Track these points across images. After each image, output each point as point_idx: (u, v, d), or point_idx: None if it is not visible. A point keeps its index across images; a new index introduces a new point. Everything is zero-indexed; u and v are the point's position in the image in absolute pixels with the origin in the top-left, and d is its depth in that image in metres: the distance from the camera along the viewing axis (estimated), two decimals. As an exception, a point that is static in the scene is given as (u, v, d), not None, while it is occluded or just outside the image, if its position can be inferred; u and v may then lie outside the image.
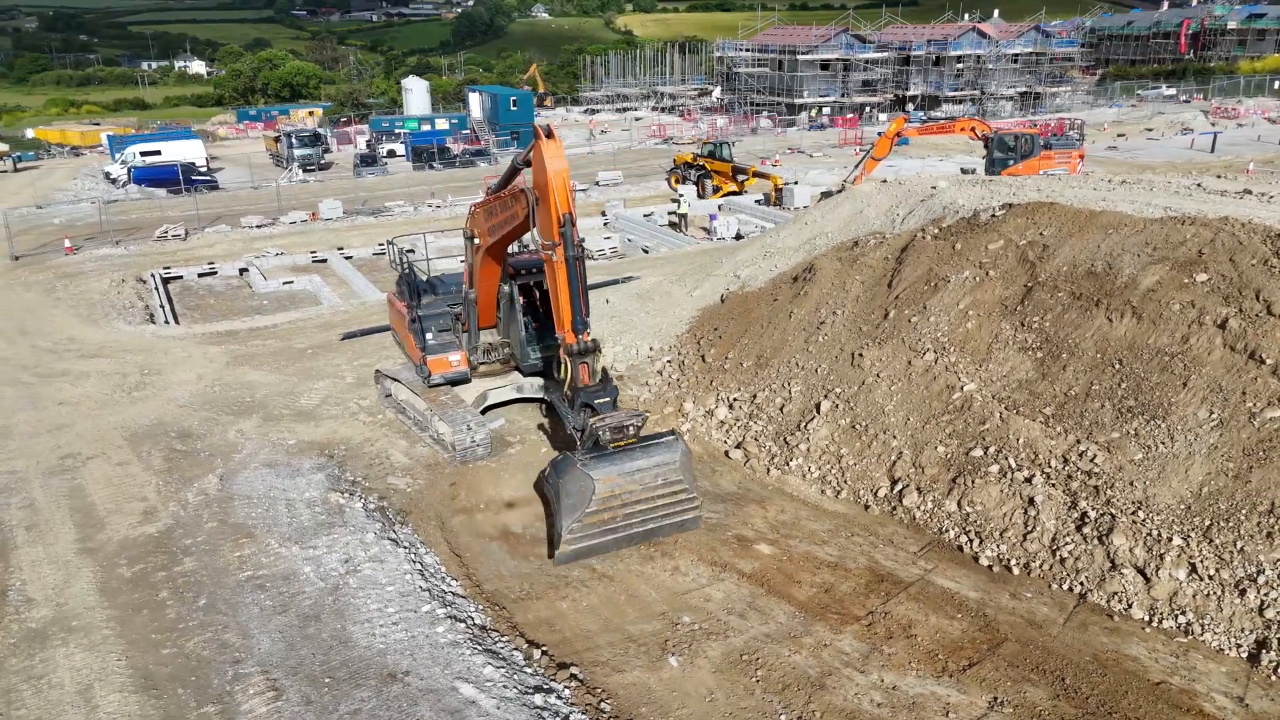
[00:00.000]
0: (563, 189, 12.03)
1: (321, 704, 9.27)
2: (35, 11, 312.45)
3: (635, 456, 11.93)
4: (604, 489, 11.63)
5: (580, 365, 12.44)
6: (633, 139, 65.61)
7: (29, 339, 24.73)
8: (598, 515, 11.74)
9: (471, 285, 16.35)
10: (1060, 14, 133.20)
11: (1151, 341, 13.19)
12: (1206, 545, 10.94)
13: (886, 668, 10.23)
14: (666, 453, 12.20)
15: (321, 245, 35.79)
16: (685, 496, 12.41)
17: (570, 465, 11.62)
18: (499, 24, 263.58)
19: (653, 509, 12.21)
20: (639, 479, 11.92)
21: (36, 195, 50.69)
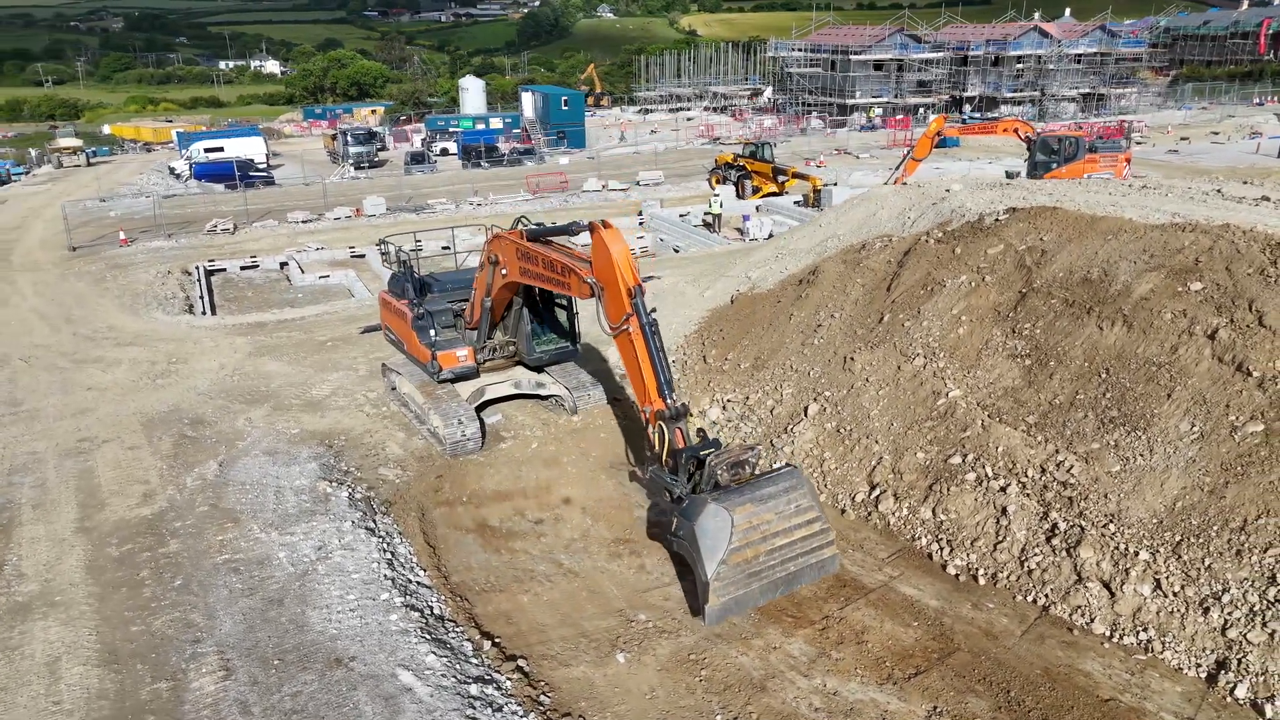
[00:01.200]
0: (627, 267, 11.71)
1: (266, 685, 9.59)
2: (122, 12, 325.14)
3: (762, 485, 10.96)
4: (742, 519, 10.46)
5: (675, 430, 11.48)
6: (679, 139, 65.62)
7: (72, 326, 25.84)
8: (741, 553, 10.46)
9: (488, 295, 16.19)
10: (1136, 13, 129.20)
11: (1140, 351, 12.83)
12: (1174, 561, 10.63)
13: (831, 673, 10.18)
14: (790, 479, 11.18)
15: (361, 241, 36.60)
16: (820, 527, 11.25)
17: (702, 504, 10.53)
18: (564, 24, 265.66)
19: (791, 544, 10.95)
20: (773, 507, 10.81)
21: (101, 189, 52.76)
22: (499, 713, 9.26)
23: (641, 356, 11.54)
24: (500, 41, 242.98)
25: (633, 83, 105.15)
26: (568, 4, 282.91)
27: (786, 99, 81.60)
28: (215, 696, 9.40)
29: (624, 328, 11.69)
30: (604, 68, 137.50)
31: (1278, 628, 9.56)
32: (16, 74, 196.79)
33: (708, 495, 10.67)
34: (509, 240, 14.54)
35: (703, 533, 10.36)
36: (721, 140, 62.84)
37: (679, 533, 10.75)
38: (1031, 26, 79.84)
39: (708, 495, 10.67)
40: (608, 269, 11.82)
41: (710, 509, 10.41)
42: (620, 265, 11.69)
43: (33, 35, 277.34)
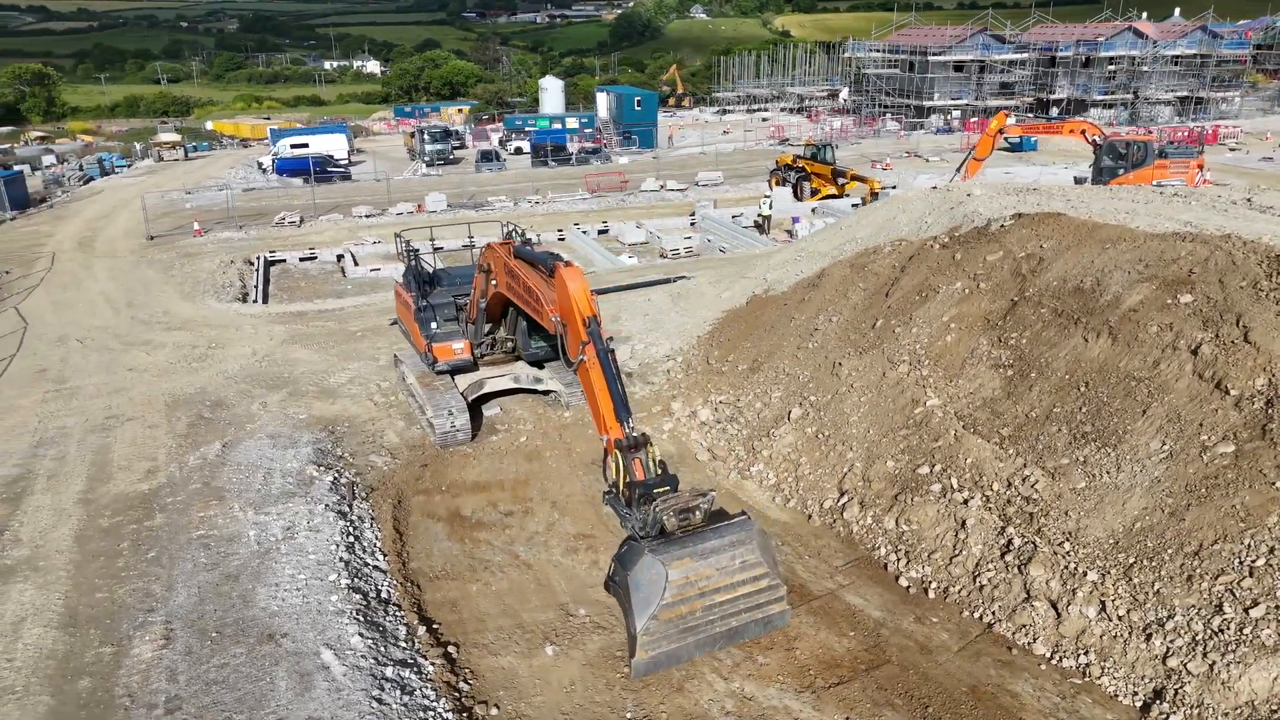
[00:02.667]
0: (584, 300, 11.40)
1: (199, 655, 10.04)
2: (238, 14, 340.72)
3: (708, 538, 10.18)
4: (677, 575, 9.80)
5: (634, 460, 10.78)
6: (749, 140, 65.22)
7: (132, 310, 27.32)
8: (674, 609, 9.89)
9: (483, 296, 16.47)
10: (1251, 13, 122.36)
11: (1123, 364, 12.29)
12: (1123, 584, 10.17)
13: (752, 677, 10.09)
14: (740, 532, 10.35)
15: (418, 236, 37.48)
16: (769, 584, 10.48)
17: (638, 555, 9.91)
18: (656, 25, 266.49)
19: (734, 600, 10.27)
20: (714, 563, 10.06)
21: (190, 182, 55.51)
22: (409, 695, 9.48)
23: (599, 384, 10.92)
24: (592, 42, 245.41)
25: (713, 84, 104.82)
26: (661, 5, 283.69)
27: (862, 100, 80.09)
28: (149, 663, 9.90)
29: (581, 358, 11.36)
30: (689, 69, 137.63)
31: (1218, 660, 9.06)
32: (137, 72, 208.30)
33: (645, 545, 9.98)
34: (499, 254, 14.56)
35: (635, 585, 9.74)
36: (790, 142, 62.21)
37: (615, 579, 10.24)
38: (1125, 27, 76.36)
39: (645, 545, 9.98)
40: (567, 306, 11.58)
41: (645, 561, 9.76)
42: (576, 299, 11.29)
43: (155, 36, 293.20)
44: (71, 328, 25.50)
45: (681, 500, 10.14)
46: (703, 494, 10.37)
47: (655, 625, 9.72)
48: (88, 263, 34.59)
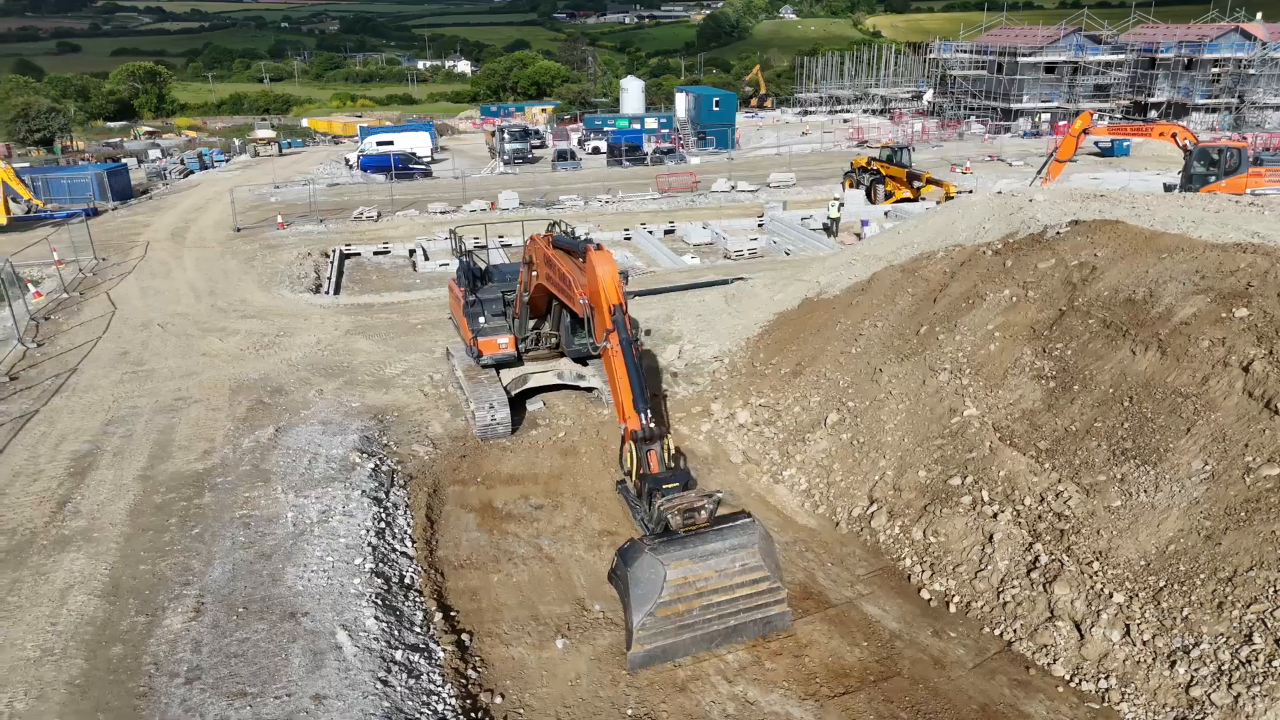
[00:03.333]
0: (611, 286, 11.82)
1: (224, 628, 10.48)
2: (340, 15, 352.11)
3: (709, 539, 10.35)
4: (676, 575, 10.02)
5: (649, 452, 11.03)
6: (828, 141, 64.34)
7: (212, 299, 28.56)
8: (671, 607, 10.11)
9: (526, 290, 16.88)
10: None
11: (1170, 379, 11.77)
12: (1151, 607, 9.76)
13: (756, 682, 10.03)
14: (743, 535, 10.49)
15: (481, 232, 38.22)
16: (768, 586, 10.63)
17: (639, 551, 10.19)
18: (744, 25, 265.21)
19: (733, 600, 10.46)
20: (714, 565, 10.25)
21: (280, 176, 57.62)
22: (415, 679, 9.72)
23: (619, 373, 11.29)
24: (680, 43, 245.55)
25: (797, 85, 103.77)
26: (750, 6, 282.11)
27: (947, 102, 78.11)
28: (178, 634, 10.37)
29: (605, 345, 11.66)
30: (775, 70, 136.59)
31: (1244, 691, 8.63)
32: (243, 71, 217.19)
33: (646, 543, 10.26)
34: (540, 245, 14.93)
35: (635, 581, 10.00)
36: (869, 144, 61.15)
37: (616, 573, 10.51)
38: (1232, 28, 72.59)
39: (646, 543, 10.26)
40: (595, 290, 11.89)
41: (645, 559, 10.00)
42: (604, 285, 11.67)
43: (262, 36, 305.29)
44: (156, 313, 26.80)
45: (686, 500, 10.30)
46: (709, 495, 10.49)
47: (652, 622, 9.97)
48: (178, 252, 36.28)
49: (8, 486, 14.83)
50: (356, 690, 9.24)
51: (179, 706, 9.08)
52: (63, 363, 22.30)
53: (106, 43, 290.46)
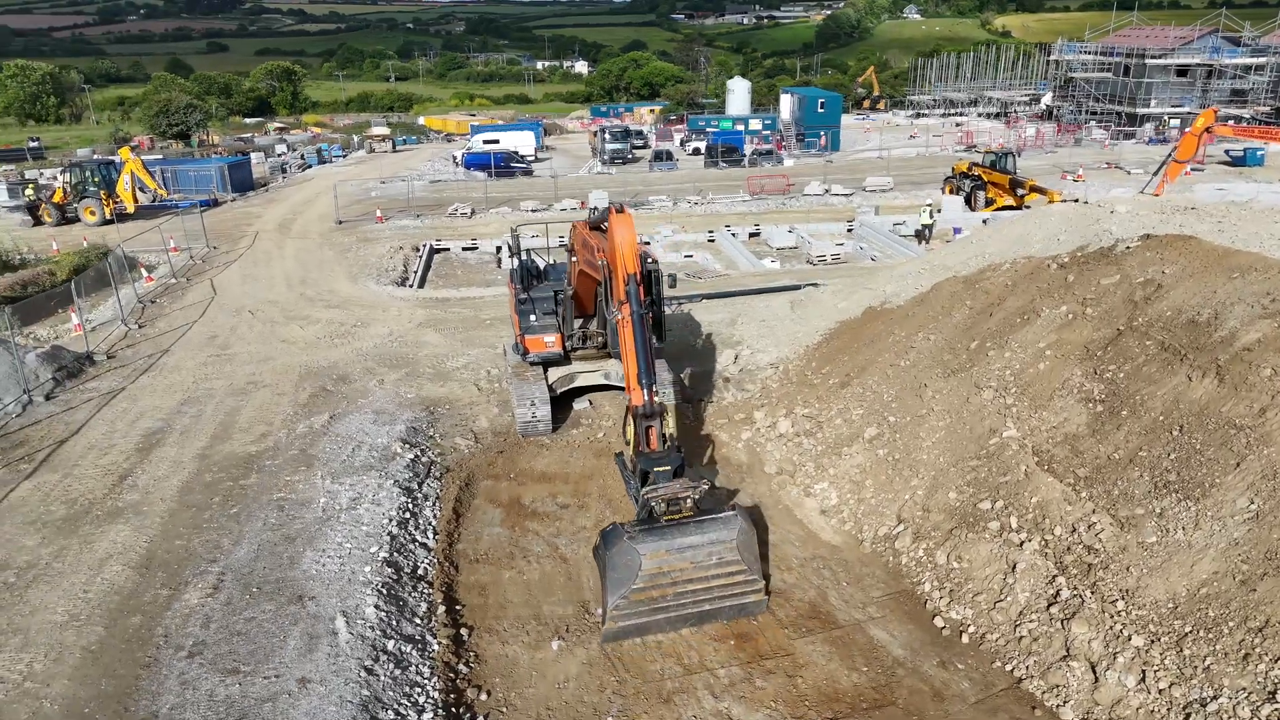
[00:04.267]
0: (630, 253, 11.93)
1: (236, 606, 10.91)
2: (466, 16, 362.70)
3: (689, 532, 10.63)
4: (651, 565, 10.41)
5: (648, 428, 11.34)
6: (931, 145, 62.32)
7: (303, 288, 29.84)
8: (645, 593, 10.50)
9: (570, 284, 17.11)
10: None
11: (1225, 409, 10.89)
12: (1173, 654, 9.05)
13: (743, 700, 9.79)
14: (723, 530, 10.75)
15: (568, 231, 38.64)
16: (745, 578, 10.91)
17: (618, 537, 10.54)
18: (865, 26, 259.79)
19: (707, 589, 10.79)
20: (690, 557, 10.59)
21: (390, 172, 59.72)
22: (402, 670, 9.89)
23: (628, 345, 11.51)
24: (798, 43, 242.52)
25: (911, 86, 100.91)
26: (872, 6, 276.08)
27: (1066, 106, 74.40)
28: (193, 608, 10.86)
29: (617, 314, 11.88)
30: (893, 71, 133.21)
31: (1259, 754, 7.89)
32: (372, 70, 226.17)
33: (626, 530, 10.55)
34: (579, 231, 15.06)
35: (612, 565, 10.41)
36: (977, 148, 58.89)
37: (597, 552, 10.88)
38: (1395, 27, 66.68)
39: (626, 530, 10.55)
40: (613, 254, 12.08)
41: (623, 546, 10.35)
42: (622, 250, 11.86)
43: (393, 37, 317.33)
44: (249, 300, 28.20)
45: (671, 490, 10.73)
46: (694, 483, 10.91)
47: (625, 604, 10.47)
48: (281, 242, 38.07)
49: (81, 458, 15.85)
50: (340, 677, 9.47)
51: (176, 679, 9.50)
52: (157, 344, 23.71)
53: (252, 43, 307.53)
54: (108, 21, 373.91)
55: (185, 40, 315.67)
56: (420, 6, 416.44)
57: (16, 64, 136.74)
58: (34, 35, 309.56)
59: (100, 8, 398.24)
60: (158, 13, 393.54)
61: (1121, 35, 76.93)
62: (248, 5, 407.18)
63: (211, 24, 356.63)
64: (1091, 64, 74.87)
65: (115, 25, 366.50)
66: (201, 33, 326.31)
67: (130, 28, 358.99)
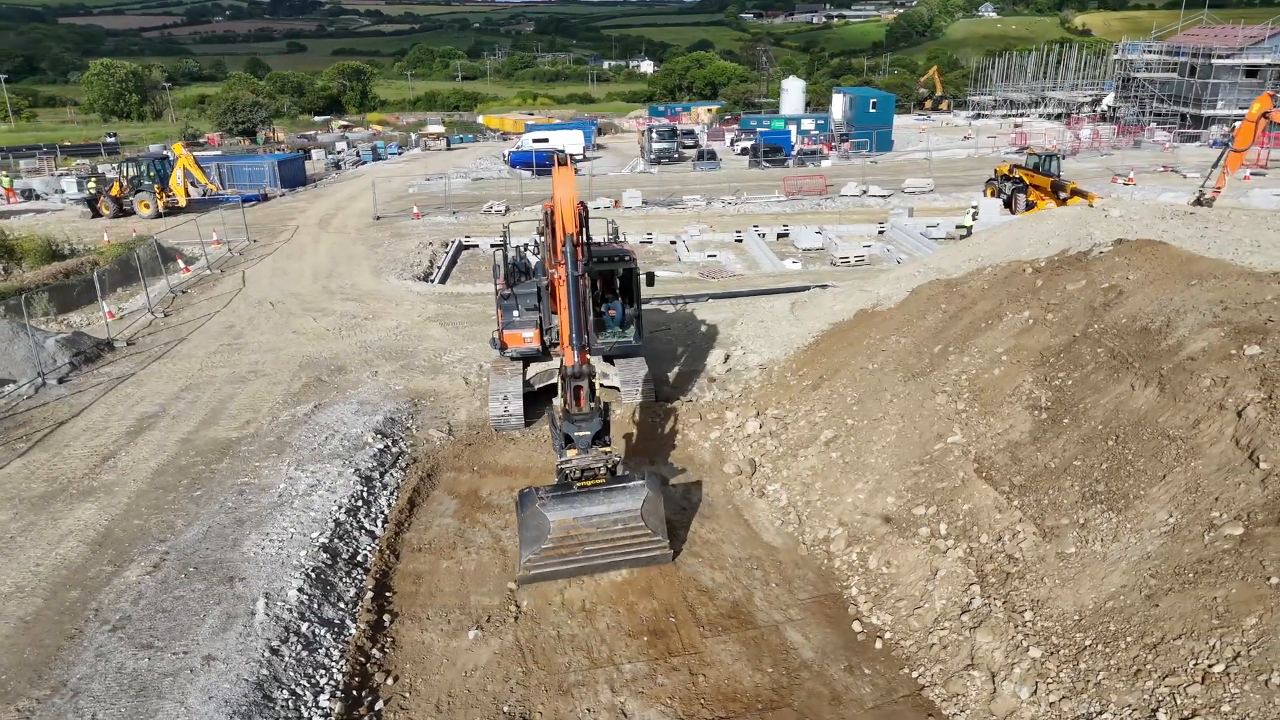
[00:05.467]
0: (569, 213, 12.18)
1: (170, 584, 11.31)
2: (536, 16, 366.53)
3: (596, 501, 11.56)
4: (559, 531, 11.45)
5: (576, 387, 12.14)
6: (981, 146, 60.82)
7: (327, 281, 30.63)
8: (554, 550, 11.54)
9: (543, 274, 17.36)
10: None
11: (1162, 420, 10.51)
12: (1068, 667, 8.79)
13: (640, 695, 9.80)
14: (629, 499, 11.64)
15: (597, 230, 38.79)
16: (650, 539, 11.83)
17: (531, 502, 11.48)
18: (938, 25, 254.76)
19: (614, 547, 11.73)
20: (596, 523, 11.55)
21: (440, 169, 60.81)
22: (310, 652, 10.14)
23: (561, 304, 12.13)
24: (867, 43, 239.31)
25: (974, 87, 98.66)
26: (946, 4, 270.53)
27: (1128, 107, 71.77)
28: (129, 585, 11.29)
29: (552, 272, 12.24)
30: (962, 71, 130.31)
31: (1134, 774, 7.63)
32: (442, 69, 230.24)
33: (539, 496, 11.52)
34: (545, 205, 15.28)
35: (525, 526, 11.55)
36: (1029, 150, 57.30)
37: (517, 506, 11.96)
38: None
39: (539, 496, 11.52)
40: (553, 207, 12.40)
41: (535, 510, 11.40)
42: (561, 207, 12.14)
43: (464, 36, 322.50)
44: (274, 292, 29.06)
45: (584, 461, 11.78)
46: (607, 455, 11.95)
47: (536, 558, 11.53)
48: (318, 237, 39.11)
49: (74, 440, 16.58)
50: (244, 656, 9.76)
51: (93, 652, 9.91)
52: (177, 333, 24.62)
53: (329, 43, 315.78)
54: (195, 22, 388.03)
55: (267, 40, 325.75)
56: (492, 7, 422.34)
57: (102, 63, 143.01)
58: (125, 35, 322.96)
59: (188, 8, 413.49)
60: (242, 14, 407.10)
61: (1189, 34, 73.87)
62: (327, 6, 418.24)
63: (292, 25, 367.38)
64: (1155, 64, 72.09)
65: (202, 26, 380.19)
66: (282, 33, 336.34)
67: (216, 28, 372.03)
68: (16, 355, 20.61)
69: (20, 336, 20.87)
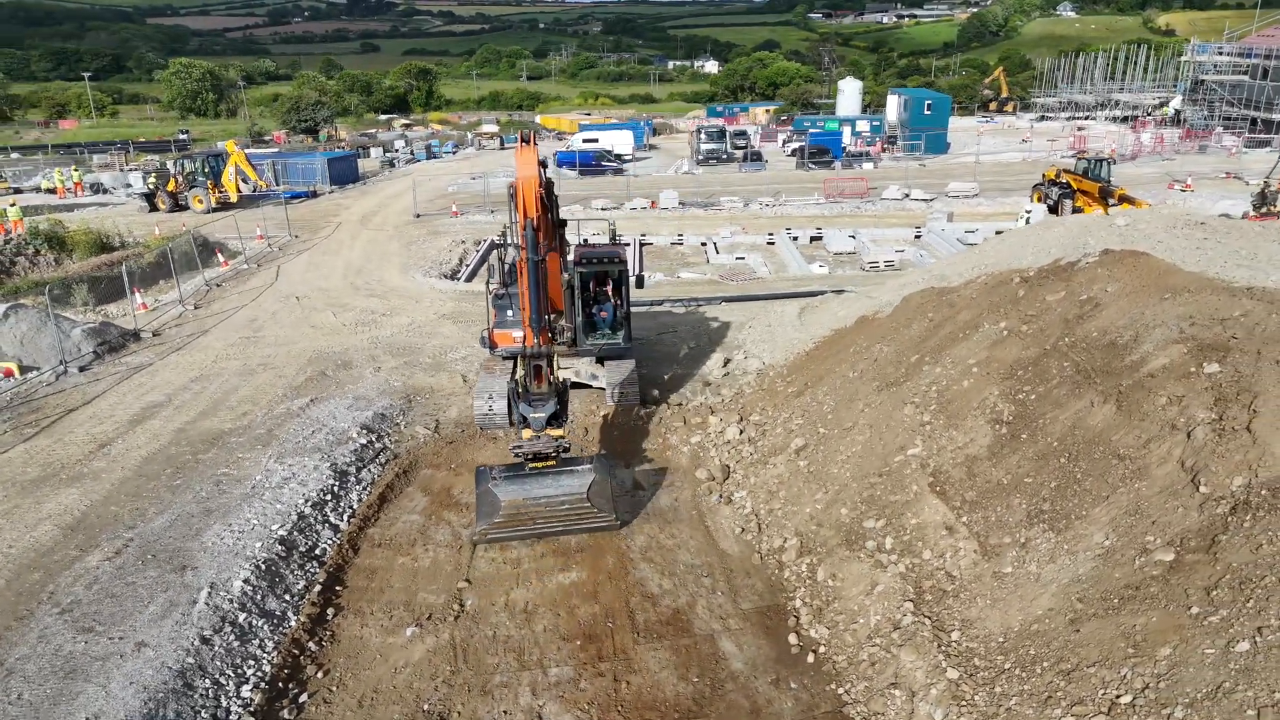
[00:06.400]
0: (530, 198, 12.36)
1: (126, 570, 11.63)
2: (603, 16, 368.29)
3: (545, 484, 12.51)
4: (510, 509, 12.44)
5: (535, 366, 12.83)
6: (1035, 149, 59.05)
7: (355, 276, 31.22)
8: (505, 524, 12.54)
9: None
10: None
11: (1116, 438, 10.09)
12: (985, 692, 8.50)
13: (561, 699, 9.78)
14: (575, 481, 12.58)
15: (633, 230, 38.86)
16: (596, 514, 12.70)
17: (485, 480, 12.54)
18: (1013, 24, 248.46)
19: (562, 521, 12.72)
20: (545, 502, 12.49)
21: (488, 168, 61.41)
22: (242, 643, 10.34)
23: (523, 289, 12.44)
24: (938, 42, 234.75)
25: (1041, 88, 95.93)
26: (1022, 3, 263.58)
27: (1194, 110, 68.85)
28: (87, 569, 11.64)
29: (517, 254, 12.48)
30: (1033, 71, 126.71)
31: (1028, 808, 7.32)
32: (508, 69, 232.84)
33: (493, 475, 12.53)
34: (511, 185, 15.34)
35: (480, 500, 12.59)
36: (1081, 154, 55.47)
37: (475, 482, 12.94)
38: None
39: (493, 475, 12.53)
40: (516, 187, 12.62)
41: (487, 489, 12.42)
42: (522, 192, 12.23)
43: (533, 37, 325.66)
44: (303, 287, 29.71)
45: (535, 447, 12.47)
46: (557, 441, 12.58)
47: (489, 528, 12.49)
48: (356, 233, 39.87)
49: (78, 426, 17.20)
50: (174, 644, 9.99)
51: (37, 633, 10.25)
52: (201, 325, 25.35)
53: (401, 43, 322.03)
54: (276, 23, 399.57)
55: (342, 40, 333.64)
56: (562, 7, 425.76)
57: (180, 62, 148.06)
58: (209, 35, 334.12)
59: (270, 10, 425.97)
60: (320, 14, 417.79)
61: (1263, 35, 70.55)
62: (401, 7, 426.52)
63: (367, 25, 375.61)
64: (1225, 66, 69.06)
65: (282, 26, 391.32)
66: (357, 34, 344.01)
67: (296, 29, 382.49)
68: (43, 344, 21.48)
69: (47, 326, 21.73)
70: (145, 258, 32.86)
